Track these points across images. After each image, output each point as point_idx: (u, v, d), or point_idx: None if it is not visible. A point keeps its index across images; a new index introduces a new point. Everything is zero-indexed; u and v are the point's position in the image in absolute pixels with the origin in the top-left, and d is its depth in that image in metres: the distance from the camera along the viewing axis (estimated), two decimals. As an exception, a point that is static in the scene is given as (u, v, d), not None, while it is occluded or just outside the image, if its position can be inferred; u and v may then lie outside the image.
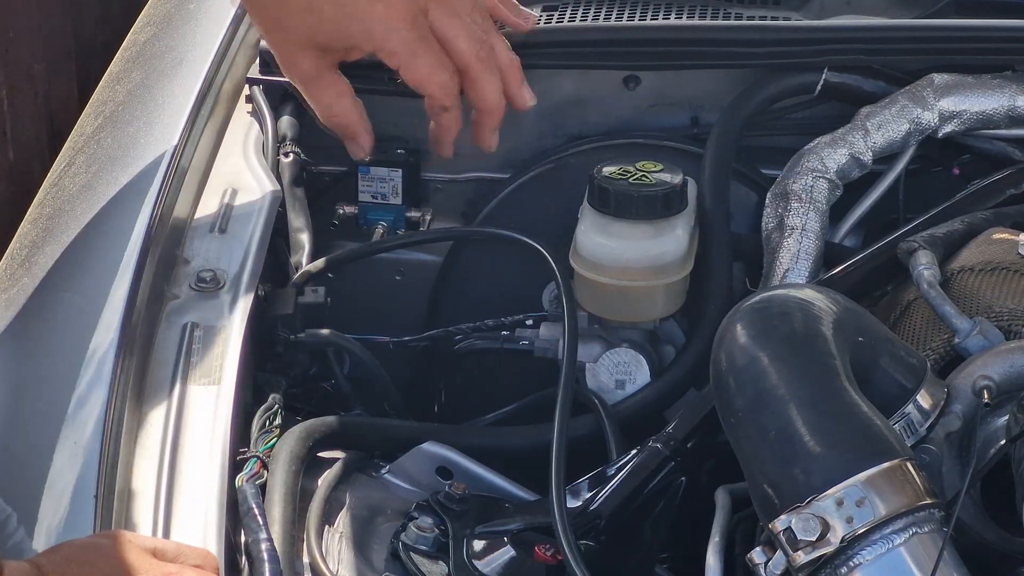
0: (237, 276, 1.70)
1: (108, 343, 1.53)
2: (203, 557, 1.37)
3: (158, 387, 1.55)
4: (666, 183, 1.86)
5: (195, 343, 1.60)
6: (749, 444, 1.41)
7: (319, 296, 1.81)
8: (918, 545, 1.35)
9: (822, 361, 1.43)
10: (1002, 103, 1.94)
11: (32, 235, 1.80)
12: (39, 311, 1.65)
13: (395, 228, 2.06)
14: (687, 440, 1.67)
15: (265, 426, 1.61)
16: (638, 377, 1.89)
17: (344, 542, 1.57)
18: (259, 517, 1.45)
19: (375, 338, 1.96)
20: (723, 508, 1.58)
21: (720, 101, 2.04)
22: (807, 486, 1.35)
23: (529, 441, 1.76)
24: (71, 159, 1.95)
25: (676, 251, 1.86)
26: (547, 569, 1.57)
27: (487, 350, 1.98)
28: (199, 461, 1.48)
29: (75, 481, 1.41)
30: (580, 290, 1.89)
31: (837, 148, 1.94)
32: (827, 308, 1.48)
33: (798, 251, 1.88)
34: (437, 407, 2.05)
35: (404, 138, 2.08)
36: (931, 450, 1.51)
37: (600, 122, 2.09)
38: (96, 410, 1.47)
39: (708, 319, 1.86)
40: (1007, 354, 1.54)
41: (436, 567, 1.56)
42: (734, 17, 2.07)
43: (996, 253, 1.71)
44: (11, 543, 1.38)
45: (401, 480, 1.69)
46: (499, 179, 2.09)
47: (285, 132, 2.01)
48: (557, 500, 1.56)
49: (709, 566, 1.51)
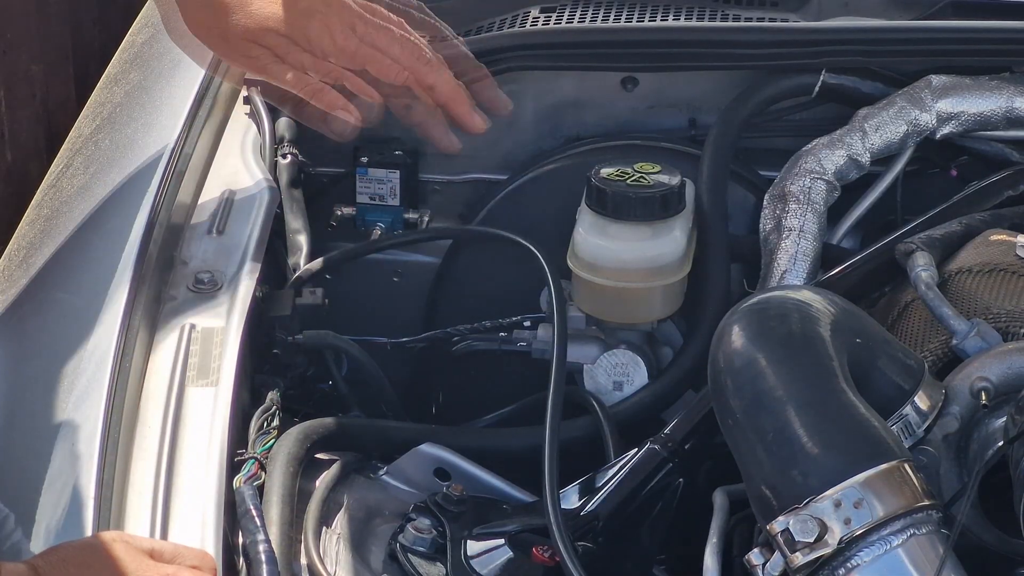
0: (235, 277, 1.70)
1: (106, 344, 1.53)
2: (200, 558, 1.37)
3: (156, 388, 1.55)
4: (664, 184, 1.86)
5: (193, 344, 1.60)
6: (747, 445, 1.41)
7: (317, 297, 1.81)
8: (916, 546, 1.35)
9: (820, 363, 1.43)
10: (1000, 105, 1.95)
11: (30, 236, 1.80)
12: (37, 312, 1.65)
13: (393, 229, 2.06)
14: (685, 441, 1.67)
15: (263, 427, 1.61)
16: (636, 378, 1.89)
17: (342, 543, 1.57)
18: (257, 518, 1.45)
19: (373, 339, 1.96)
20: (721, 509, 1.58)
21: (718, 103, 2.04)
22: (805, 487, 1.35)
23: (526, 442, 1.76)
24: (69, 160, 1.95)
25: (674, 252, 1.86)
26: (544, 570, 1.57)
27: (485, 351, 1.98)
28: (197, 462, 1.48)
29: (73, 482, 1.41)
30: (578, 291, 1.89)
31: (835, 150, 1.94)
32: (825, 309, 1.48)
33: (796, 252, 1.88)
34: (435, 408, 2.05)
35: (402, 139, 2.08)
36: (929, 451, 1.51)
37: (598, 124, 2.09)
38: (94, 411, 1.46)
39: (706, 321, 1.86)
40: (1005, 355, 1.54)
41: (434, 568, 1.56)
42: (732, 19, 2.08)
43: (994, 254, 1.71)
44: (9, 543, 1.39)
45: (399, 481, 1.69)
46: (497, 180, 2.09)
47: (283, 133, 2.01)
48: (551, 501, 1.56)
49: (707, 567, 1.51)
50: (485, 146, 2.09)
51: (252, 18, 1.80)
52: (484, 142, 2.08)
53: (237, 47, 1.82)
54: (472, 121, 1.91)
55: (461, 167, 2.10)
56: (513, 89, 2.06)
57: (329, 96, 1.83)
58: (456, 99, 1.89)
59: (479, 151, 2.09)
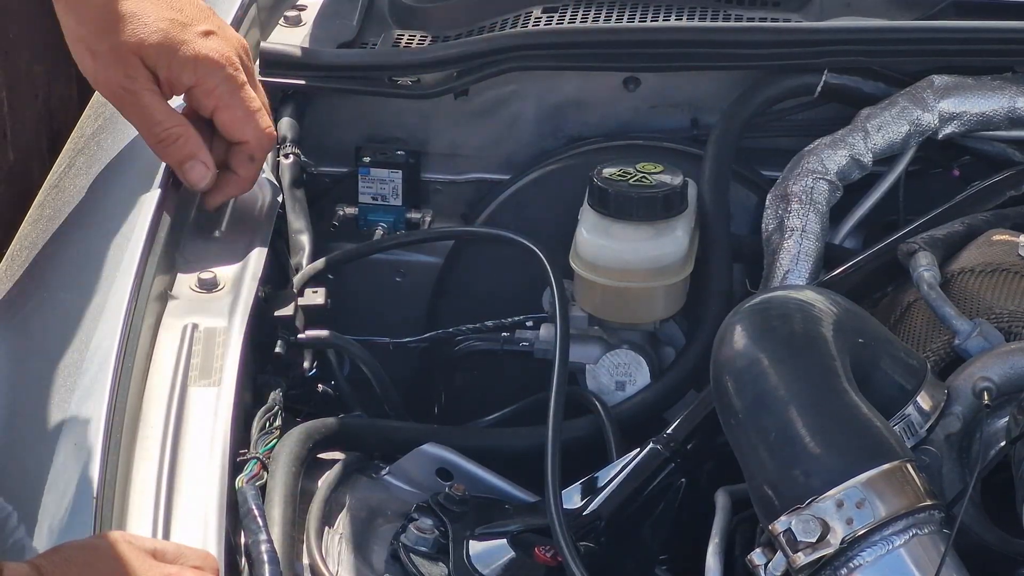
0: (237, 277, 1.70)
1: (108, 344, 1.53)
2: (203, 558, 1.37)
3: (158, 388, 1.55)
4: (666, 184, 1.87)
5: (195, 344, 1.60)
6: (749, 445, 1.41)
7: (319, 297, 1.81)
8: (918, 546, 1.35)
9: (822, 363, 1.43)
10: (1002, 104, 1.95)
11: (32, 236, 1.80)
12: (40, 311, 1.65)
13: (395, 229, 2.06)
14: (687, 441, 1.67)
15: (265, 427, 1.61)
16: (638, 378, 1.89)
17: (344, 543, 1.57)
18: (259, 518, 1.45)
19: (375, 339, 1.96)
20: (723, 509, 1.58)
21: (720, 103, 2.04)
22: (807, 487, 1.36)
23: (528, 442, 1.76)
24: (71, 160, 1.95)
25: (676, 252, 1.86)
26: (547, 570, 1.57)
27: (487, 351, 1.98)
28: (199, 462, 1.48)
29: (75, 482, 1.41)
30: (580, 291, 1.89)
31: (837, 150, 1.94)
32: (827, 309, 1.48)
33: (798, 252, 1.88)
34: (437, 408, 2.05)
35: (404, 139, 2.08)
36: (931, 451, 1.51)
37: (600, 124, 2.09)
38: (97, 411, 1.46)
39: (708, 321, 1.86)
40: (1007, 355, 1.54)
41: (436, 568, 1.56)
42: (734, 19, 2.07)
43: (996, 254, 1.71)
44: (11, 542, 1.39)
45: (401, 481, 1.69)
46: (499, 181, 2.09)
47: (285, 133, 2.01)
48: (553, 501, 1.56)
49: (709, 567, 1.51)
50: (487, 146, 2.09)
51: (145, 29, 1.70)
52: (486, 142, 2.08)
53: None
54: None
55: (463, 167, 2.10)
56: (515, 89, 2.07)
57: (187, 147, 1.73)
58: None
59: (482, 151, 2.09)
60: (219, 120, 1.74)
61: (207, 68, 1.71)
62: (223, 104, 1.73)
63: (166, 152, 1.73)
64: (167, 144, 1.72)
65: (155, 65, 1.70)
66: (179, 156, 1.73)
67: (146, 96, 1.71)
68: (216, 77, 1.71)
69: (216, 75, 1.71)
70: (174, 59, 1.70)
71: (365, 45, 2.08)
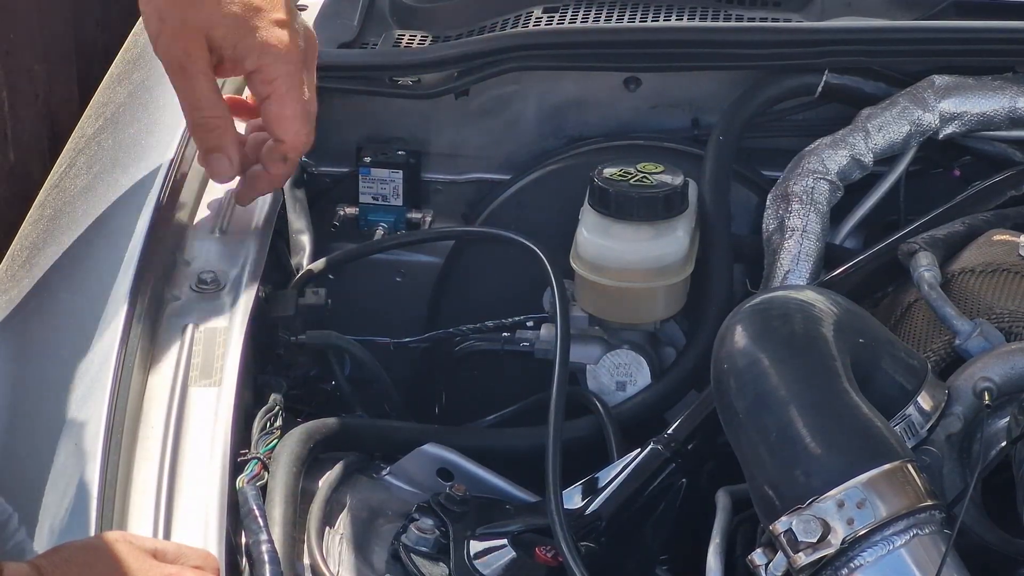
0: (238, 277, 1.70)
1: (109, 344, 1.53)
2: (203, 558, 1.37)
3: (159, 388, 1.55)
4: (667, 184, 1.87)
5: (196, 345, 1.60)
6: (750, 445, 1.41)
7: (320, 297, 1.81)
8: (919, 547, 1.35)
9: (823, 363, 1.43)
10: (1003, 105, 1.95)
11: (33, 236, 1.80)
12: (40, 312, 1.65)
13: (396, 229, 2.06)
14: (688, 442, 1.67)
15: (266, 427, 1.61)
16: (639, 378, 1.89)
17: (345, 543, 1.57)
18: (260, 518, 1.45)
19: (376, 340, 1.96)
20: (724, 510, 1.58)
21: (721, 103, 2.04)
22: (808, 487, 1.35)
23: (529, 443, 1.76)
24: (72, 160, 1.95)
25: (677, 253, 1.86)
26: (547, 571, 1.57)
27: (487, 352, 1.98)
28: (200, 462, 1.48)
29: (76, 482, 1.41)
30: (581, 291, 1.89)
31: (838, 150, 1.94)
32: (828, 310, 1.48)
33: (799, 253, 1.88)
34: (438, 408, 2.05)
35: (405, 139, 2.08)
36: (932, 452, 1.51)
37: (601, 123, 2.09)
38: (97, 411, 1.46)
39: (709, 321, 1.86)
40: (1008, 356, 1.54)
41: (437, 569, 1.56)
42: (735, 19, 2.07)
43: (997, 255, 1.71)
44: (12, 543, 1.39)
45: (402, 482, 1.69)
46: (500, 181, 2.09)
47: (286, 133, 2.00)
48: (554, 501, 1.56)
49: (710, 567, 1.51)
50: (488, 146, 2.09)
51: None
52: (487, 142, 2.08)
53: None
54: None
55: (464, 167, 2.10)
56: (516, 89, 2.07)
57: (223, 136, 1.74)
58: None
59: (482, 151, 2.09)
60: (266, 110, 1.74)
61: (271, 57, 1.71)
62: (276, 96, 1.73)
63: (199, 137, 1.75)
64: (203, 130, 1.74)
65: (221, 46, 1.70)
66: (210, 144, 1.74)
67: (199, 78, 1.71)
68: (278, 68, 1.71)
69: (278, 66, 1.71)
70: (241, 42, 1.70)
71: (366, 45, 2.09)
